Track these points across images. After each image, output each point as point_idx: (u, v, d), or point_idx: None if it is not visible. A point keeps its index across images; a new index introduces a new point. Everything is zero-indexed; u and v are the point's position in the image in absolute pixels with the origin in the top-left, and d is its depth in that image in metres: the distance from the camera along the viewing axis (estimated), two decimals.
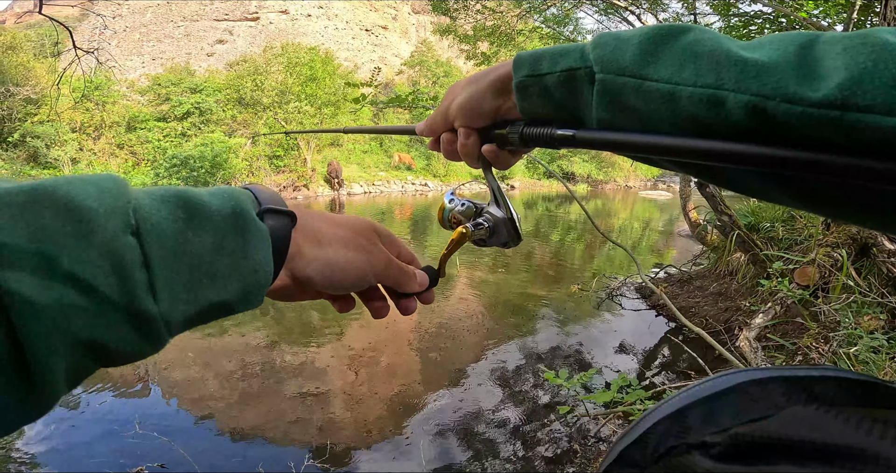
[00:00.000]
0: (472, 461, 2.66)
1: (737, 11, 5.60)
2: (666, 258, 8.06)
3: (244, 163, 16.90)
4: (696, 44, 0.30)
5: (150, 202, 0.26)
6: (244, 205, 0.30)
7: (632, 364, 3.87)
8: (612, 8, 6.88)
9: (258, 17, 28.00)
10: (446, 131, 0.49)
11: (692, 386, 0.27)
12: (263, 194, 0.34)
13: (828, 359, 2.63)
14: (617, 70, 0.33)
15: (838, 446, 0.19)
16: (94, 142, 16.09)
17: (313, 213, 0.38)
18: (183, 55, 25.71)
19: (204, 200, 0.29)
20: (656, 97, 0.31)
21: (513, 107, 0.42)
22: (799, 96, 0.25)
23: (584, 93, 0.36)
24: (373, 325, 4.80)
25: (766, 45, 0.29)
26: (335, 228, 0.38)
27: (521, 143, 0.42)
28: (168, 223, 0.26)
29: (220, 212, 0.29)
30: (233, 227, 0.29)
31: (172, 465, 2.54)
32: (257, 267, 0.30)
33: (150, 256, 0.25)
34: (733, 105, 0.27)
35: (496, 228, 0.47)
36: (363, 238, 0.39)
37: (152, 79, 19.30)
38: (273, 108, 18.29)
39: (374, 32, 31.18)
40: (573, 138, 0.37)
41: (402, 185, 21.05)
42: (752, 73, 0.27)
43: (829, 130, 0.25)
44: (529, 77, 0.39)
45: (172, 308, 0.26)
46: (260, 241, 0.30)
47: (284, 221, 0.33)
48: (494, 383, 3.50)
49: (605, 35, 0.35)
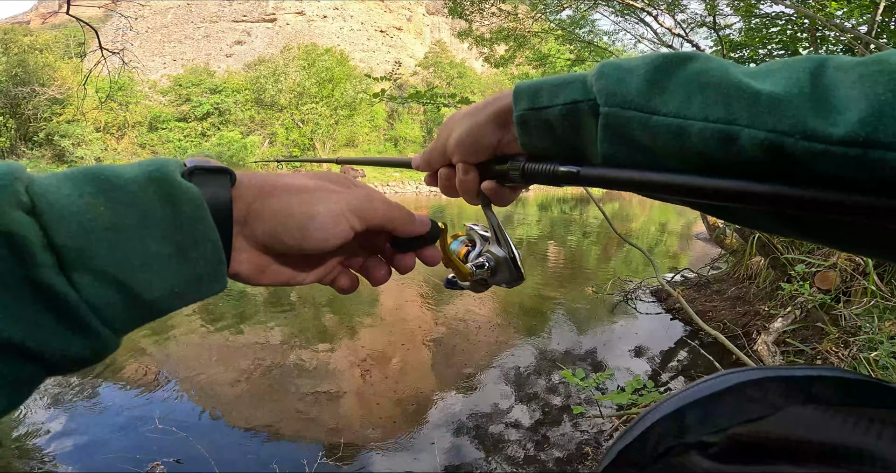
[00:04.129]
0: (485, 461, 2.67)
1: (758, 12, 5.52)
2: (682, 262, 7.97)
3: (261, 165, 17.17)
4: (703, 73, 0.29)
5: (50, 180, 0.24)
6: (164, 169, 0.27)
7: (647, 366, 3.85)
8: (629, 9, 6.83)
9: (275, 19, 28.35)
10: (444, 166, 0.46)
11: (690, 387, 0.27)
12: (196, 159, 0.30)
13: (847, 364, 2.60)
14: (622, 103, 0.31)
15: (836, 446, 0.19)
16: (117, 142, 16.49)
17: (261, 173, 0.33)
18: (203, 56, 26.16)
19: (115, 172, 0.26)
20: (664, 132, 0.29)
21: (513, 140, 0.40)
22: (819, 133, 0.24)
23: (587, 126, 0.34)
24: (387, 325, 4.85)
25: (775, 73, 0.27)
26: (294, 179, 0.33)
27: (522, 180, 0.40)
28: (73, 199, 0.23)
29: (136, 181, 0.26)
30: (155, 195, 0.26)
31: (189, 461, 2.59)
32: (197, 236, 0.27)
33: (54, 236, 0.22)
34: (747, 141, 0.26)
35: (498, 268, 0.45)
36: (332, 182, 0.35)
37: (173, 79, 19.71)
38: (290, 109, 18.53)
39: (389, 33, 31.34)
40: (577, 175, 0.35)
41: (417, 186, 21.12)
42: (766, 106, 0.26)
43: (850, 168, 0.23)
44: (530, 110, 0.37)
45: (98, 292, 0.23)
46: (191, 206, 0.27)
47: (219, 180, 0.29)
48: (508, 384, 3.51)
49: (608, 64, 0.34)
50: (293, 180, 0.33)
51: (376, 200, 0.35)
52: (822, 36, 5.11)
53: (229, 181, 0.30)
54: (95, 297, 0.23)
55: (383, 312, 5.41)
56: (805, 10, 3.52)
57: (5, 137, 14.11)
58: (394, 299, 5.69)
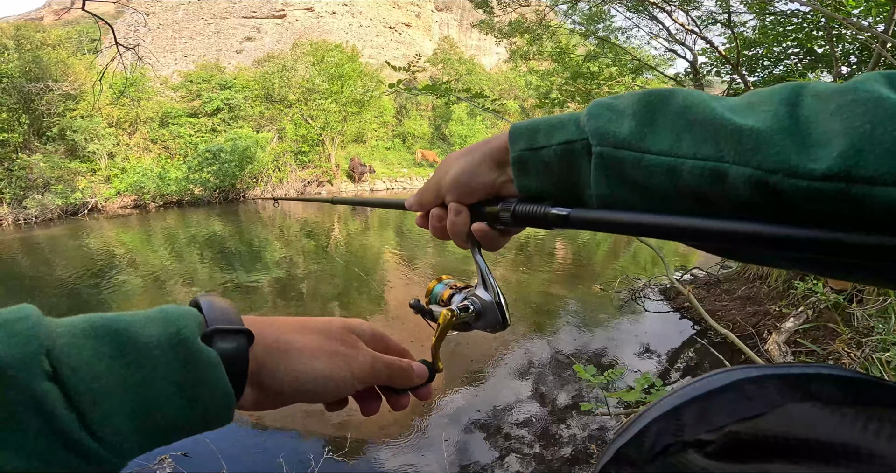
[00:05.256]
0: (491, 457, 2.69)
1: (773, 10, 5.45)
2: (692, 260, 7.93)
3: (270, 156, 17.25)
4: (689, 109, 0.29)
5: (69, 340, 0.25)
6: (185, 332, 0.28)
7: (655, 365, 3.85)
8: (642, 5, 6.78)
9: (285, 15, 28.41)
10: (436, 206, 0.46)
11: (687, 384, 0.27)
12: (213, 310, 0.31)
13: (859, 365, 2.58)
14: (615, 142, 0.32)
15: (834, 444, 0.19)
16: (129, 137, 16.62)
17: (277, 323, 0.36)
18: (213, 52, 26.29)
19: (135, 332, 0.27)
20: (657, 171, 0.30)
21: (508, 181, 0.40)
22: (801, 169, 0.24)
23: (581, 167, 0.34)
24: (394, 322, 4.88)
25: (756, 106, 0.28)
26: (303, 336, 0.35)
27: (513, 222, 0.40)
28: (93, 363, 0.25)
29: (157, 344, 0.27)
30: (174, 359, 0.27)
31: (196, 454, 2.63)
32: (213, 395, 0.28)
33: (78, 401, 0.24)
34: (736, 178, 0.26)
35: (483, 312, 0.44)
36: (337, 342, 0.37)
37: (184, 75, 19.81)
38: (299, 105, 18.58)
39: (398, 30, 31.30)
40: (567, 218, 0.35)
41: (425, 182, 21.13)
42: (750, 143, 0.26)
43: (835, 204, 0.23)
44: (527, 151, 0.37)
45: (118, 440, 0.25)
46: (210, 369, 0.28)
47: (238, 341, 0.31)
48: (515, 380, 3.53)
49: (598, 104, 0.34)
50: (304, 340, 0.35)
51: (379, 366, 0.38)
52: (839, 34, 5.05)
53: (247, 341, 0.31)
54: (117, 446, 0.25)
55: (391, 307, 5.44)
56: (821, 8, 3.47)
57: (18, 132, 14.26)
58: (401, 294, 5.72)
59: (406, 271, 6.97)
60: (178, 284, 6.53)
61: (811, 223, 0.25)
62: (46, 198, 13.66)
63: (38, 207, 13.54)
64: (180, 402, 0.27)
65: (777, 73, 6.15)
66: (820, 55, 5.64)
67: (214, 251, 8.97)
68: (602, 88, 8.31)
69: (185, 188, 15.77)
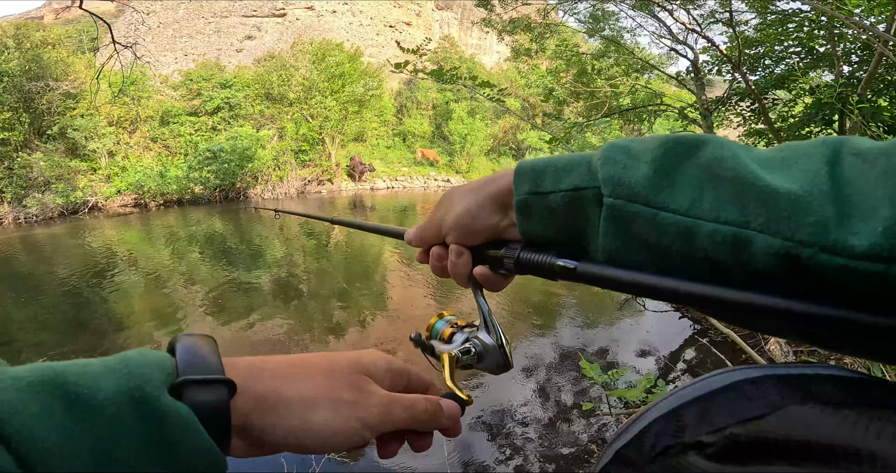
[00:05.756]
0: (492, 457, 2.69)
1: (774, 8, 5.45)
2: None
3: (271, 154, 17.25)
4: (716, 163, 0.27)
5: (14, 395, 0.22)
6: (146, 388, 0.24)
7: (656, 364, 3.85)
8: (644, 4, 6.77)
9: (285, 14, 28.38)
10: (437, 245, 0.44)
11: (687, 385, 0.27)
12: (189, 356, 0.27)
13: (861, 365, 2.58)
14: (628, 195, 0.29)
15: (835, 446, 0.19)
16: (129, 136, 16.64)
17: (269, 366, 0.30)
18: (213, 51, 26.27)
19: (86, 386, 0.23)
20: (671, 231, 0.27)
21: (511, 225, 0.38)
22: (840, 245, 0.21)
23: (590, 216, 0.32)
24: (396, 319, 4.88)
25: (791, 163, 0.25)
26: (299, 382, 0.30)
27: (516, 270, 0.39)
28: (43, 421, 0.22)
29: (113, 400, 0.23)
30: (135, 417, 0.23)
31: None
32: (193, 453, 0.25)
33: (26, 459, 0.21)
34: (761, 249, 0.24)
35: (484, 354, 0.44)
36: (342, 386, 0.31)
37: (185, 74, 19.81)
38: (299, 104, 18.58)
39: (398, 29, 31.27)
40: (574, 271, 0.33)
41: (425, 181, 21.13)
42: (785, 210, 0.23)
43: (871, 285, 0.21)
44: (532, 194, 0.35)
45: None
46: (180, 427, 0.24)
47: (215, 392, 0.26)
48: (515, 380, 3.53)
49: (615, 147, 0.31)
50: (300, 388, 0.30)
51: (397, 410, 0.32)
52: (840, 33, 5.04)
53: (227, 392, 0.26)
54: None
55: (392, 306, 5.44)
56: (823, 7, 3.47)
57: (18, 131, 14.27)
58: (403, 293, 5.72)
59: (407, 269, 6.97)
60: (178, 283, 6.53)
61: (834, 298, 0.23)
62: (47, 197, 13.68)
63: (39, 206, 13.55)
64: (153, 462, 0.24)
65: (778, 73, 6.14)
66: (821, 54, 5.64)
67: (215, 249, 8.98)
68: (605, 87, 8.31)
69: (186, 187, 15.78)
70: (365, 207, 14.93)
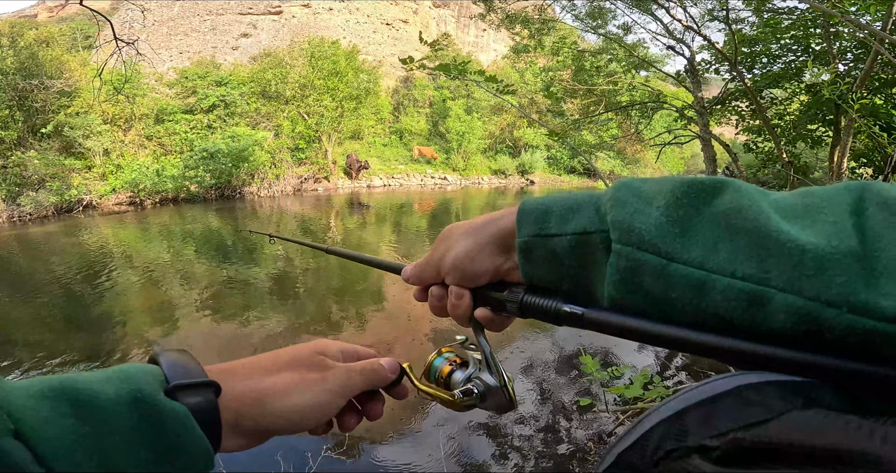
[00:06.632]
0: (488, 455, 2.69)
1: (771, 6, 5.46)
2: None
3: (267, 155, 17.18)
4: (734, 213, 0.25)
5: (26, 401, 0.25)
6: (146, 389, 0.28)
7: (654, 361, 3.86)
8: (641, 3, 6.78)
9: (281, 11, 28.25)
10: (436, 284, 0.42)
11: (689, 389, 0.27)
12: (174, 366, 0.31)
13: None
14: (638, 242, 0.27)
15: (840, 450, 0.19)
16: (124, 134, 16.53)
17: (243, 369, 0.35)
18: (209, 49, 26.14)
19: (92, 391, 0.26)
20: (682, 284, 0.26)
21: (514, 267, 0.36)
22: (869, 306, 0.20)
23: (598, 262, 0.30)
24: (393, 317, 4.87)
25: (815, 213, 0.24)
26: (273, 376, 0.35)
27: (520, 314, 0.37)
28: (54, 420, 0.25)
29: (116, 401, 0.27)
30: (135, 416, 0.27)
31: None
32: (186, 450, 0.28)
33: (43, 455, 0.23)
34: (779, 308, 0.23)
35: (488, 395, 0.42)
36: (308, 368, 0.36)
37: (180, 72, 19.70)
38: (295, 101, 18.51)
39: (395, 26, 31.18)
40: (581, 318, 0.32)
41: (422, 178, 21.11)
42: (810, 268, 0.22)
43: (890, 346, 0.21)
44: (535, 237, 0.33)
45: None
46: (178, 423, 0.28)
47: (204, 394, 0.30)
48: (513, 375, 3.53)
49: (624, 187, 0.30)
50: (275, 380, 0.35)
51: (353, 374, 0.38)
52: (836, 32, 5.05)
53: (214, 393, 0.31)
54: None
55: (389, 304, 5.44)
56: (819, 6, 3.48)
57: (13, 130, 14.17)
58: (399, 291, 5.71)
59: None
60: (174, 280, 6.50)
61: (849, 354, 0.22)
62: (41, 195, 13.58)
63: (33, 204, 13.45)
64: (152, 457, 0.27)
65: (775, 71, 6.16)
66: (818, 52, 5.66)
67: (211, 247, 8.95)
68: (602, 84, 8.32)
69: (181, 185, 15.71)
70: (361, 205, 14.91)
